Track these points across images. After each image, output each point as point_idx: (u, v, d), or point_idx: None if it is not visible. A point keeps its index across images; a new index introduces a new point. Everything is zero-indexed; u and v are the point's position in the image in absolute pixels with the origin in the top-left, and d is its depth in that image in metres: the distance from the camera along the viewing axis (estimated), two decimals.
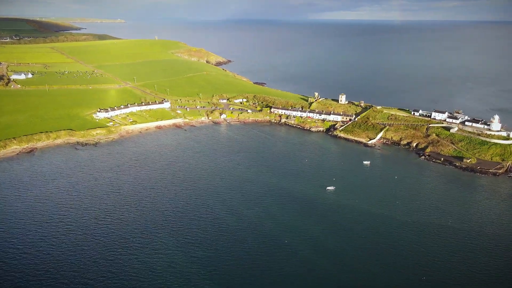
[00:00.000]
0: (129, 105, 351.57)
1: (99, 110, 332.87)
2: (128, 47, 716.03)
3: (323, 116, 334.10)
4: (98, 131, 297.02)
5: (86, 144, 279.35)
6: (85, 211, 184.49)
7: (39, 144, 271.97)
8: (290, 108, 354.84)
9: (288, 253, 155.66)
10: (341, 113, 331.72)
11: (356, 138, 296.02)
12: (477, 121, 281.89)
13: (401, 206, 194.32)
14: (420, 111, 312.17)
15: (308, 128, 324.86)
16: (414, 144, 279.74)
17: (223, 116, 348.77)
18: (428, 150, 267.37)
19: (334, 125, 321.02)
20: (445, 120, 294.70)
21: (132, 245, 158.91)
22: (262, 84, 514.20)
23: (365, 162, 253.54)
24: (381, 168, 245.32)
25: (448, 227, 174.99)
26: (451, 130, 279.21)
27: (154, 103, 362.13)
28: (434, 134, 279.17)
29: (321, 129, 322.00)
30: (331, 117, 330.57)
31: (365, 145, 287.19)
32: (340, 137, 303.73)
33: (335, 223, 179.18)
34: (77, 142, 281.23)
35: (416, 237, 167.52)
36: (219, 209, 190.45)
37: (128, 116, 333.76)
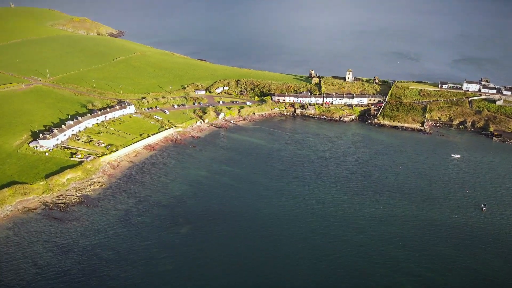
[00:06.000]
0: (79, 117, 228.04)
1: (40, 134, 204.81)
2: None
3: (344, 100, 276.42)
4: (69, 175, 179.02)
5: (65, 205, 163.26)
6: None
7: None
8: (299, 93, 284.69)
9: None
10: (366, 95, 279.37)
11: (405, 125, 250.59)
12: None
13: None
14: (449, 83, 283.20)
15: (338, 118, 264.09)
16: (469, 123, 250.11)
17: (221, 115, 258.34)
18: (491, 129, 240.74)
19: (367, 110, 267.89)
20: (479, 91, 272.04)
21: None
22: (202, 60, 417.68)
23: (453, 156, 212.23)
24: (480, 162, 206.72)
25: None
26: (497, 103, 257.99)
27: (114, 108, 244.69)
28: (485, 110, 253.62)
29: (353, 117, 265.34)
30: (355, 101, 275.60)
31: (422, 131, 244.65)
32: (384, 125, 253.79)
33: None
34: (45, 205, 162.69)
35: None
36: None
37: (90, 136, 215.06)
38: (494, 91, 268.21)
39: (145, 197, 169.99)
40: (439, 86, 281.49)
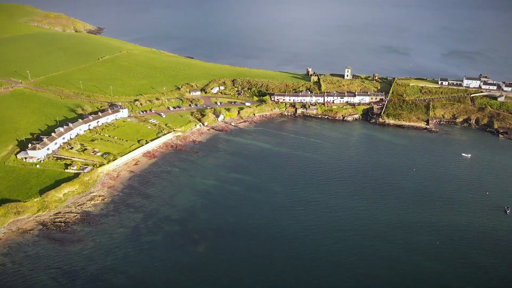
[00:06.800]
0: (69, 124, 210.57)
1: (29, 144, 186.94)
2: None
3: (346, 99, 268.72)
4: (66, 189, 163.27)
5: (65, 224, 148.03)
6: None
7: None
8: (299, 92, 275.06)
9: None
10: (368, 93, 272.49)
11: (410, 124, 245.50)
12: None
13: None
14: (449, 80, 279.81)
15: (341, 117, 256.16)
16: (473, 121, 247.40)
17: (221, 117, 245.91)
18: (496, 126, 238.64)
19: (370, 109, 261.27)
20: (479, 88, 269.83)
21: None
22: (190, 58, 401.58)
23: (464, 155, 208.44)
24: (492, 162, 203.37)
25: None
26: (499, 99, 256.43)
27: (106, 112, 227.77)
28: (489, 107, 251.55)
29: (356, 116, 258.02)
30: (357, 99, 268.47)
31: (428, 130, 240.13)
32: (389, 124, 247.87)
33: None
34: (42, 225, 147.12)
35: None
36: None
37: (83, 144, 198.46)
38: (495, 88, 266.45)
39: (152, 211, 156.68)
40: (440, 83, 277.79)
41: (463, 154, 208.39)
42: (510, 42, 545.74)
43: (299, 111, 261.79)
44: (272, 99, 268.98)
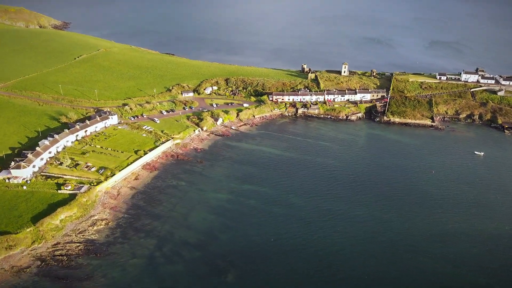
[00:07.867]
0: (54, 135, 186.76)
1: (12, 161, 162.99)
2: None
3: (347, 97, 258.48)
4: (63, 214, 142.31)
5: (67, 258, 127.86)
6: None
7: None
8: (298, 91, 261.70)
9: None
10: (369, 90, 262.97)
11: (416, 121, 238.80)
12: None
13: None
14: (447, 74, 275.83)
15: (344, 116, 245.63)
16: (477, 116, 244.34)
17: (220, 120, 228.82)
18: (499, 121, 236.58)
19: (373, 107, 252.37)
20: (478, 82, 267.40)
21: None
22: (170, 54, 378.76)
23: (477, 153, 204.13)
24: (506, 159, 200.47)
25: None
26: (499, 93, 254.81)
27: (95, 120, 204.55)
28: (490, 102, 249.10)
29: (359, 115, 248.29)
30: (358, 97, 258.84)
31: (434, 128, 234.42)
32: (394, 123, 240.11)
33: None
34: (40, 260, 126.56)
35: None
36: None
37: (74, 159, 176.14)
38: (493, 82, 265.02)
39: (166, 235, 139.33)
40: (438, 78, 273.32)
41: (475, 152, 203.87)
42: (484, 32, 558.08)
43: (300, 111, 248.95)
44: (271, 99, 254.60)
